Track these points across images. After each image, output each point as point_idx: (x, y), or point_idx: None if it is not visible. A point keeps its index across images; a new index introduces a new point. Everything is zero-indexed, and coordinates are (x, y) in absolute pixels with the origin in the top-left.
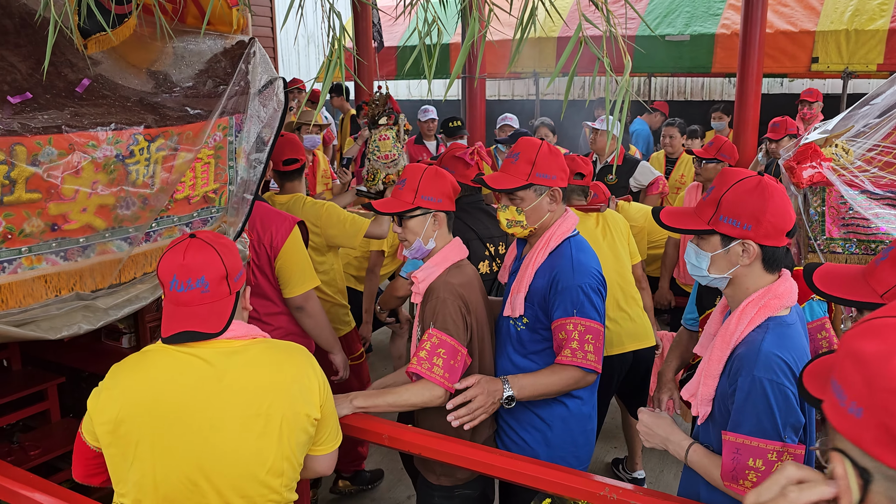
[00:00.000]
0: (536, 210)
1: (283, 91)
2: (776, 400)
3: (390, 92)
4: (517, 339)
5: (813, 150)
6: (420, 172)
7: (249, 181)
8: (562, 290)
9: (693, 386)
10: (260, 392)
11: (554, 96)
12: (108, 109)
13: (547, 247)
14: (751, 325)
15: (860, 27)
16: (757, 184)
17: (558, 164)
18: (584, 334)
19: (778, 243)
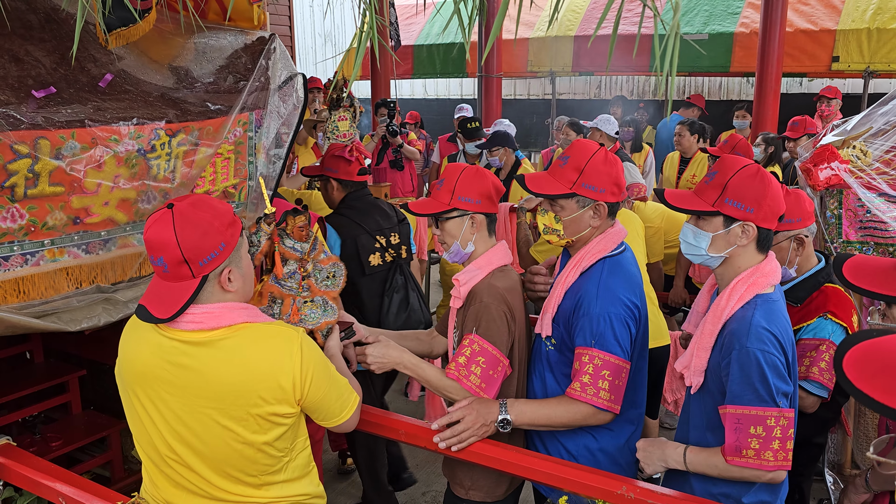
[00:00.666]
0: (576, 222)
1: (303, 87)
2: (769, 368)
3: (411, 90)
4: (546, 358)
5: (830, 152)
6: (458, 172)
7: (269, 176)
8: (583, 317)
9: (686, 359)
10: (220, 390)
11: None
12: (130, 104)
13: (579, 266)
14: (740, 301)
15: (882, 26)
16: (757, 171)
17: (611, 177)
18: (600, 369)
19: (772, 226)
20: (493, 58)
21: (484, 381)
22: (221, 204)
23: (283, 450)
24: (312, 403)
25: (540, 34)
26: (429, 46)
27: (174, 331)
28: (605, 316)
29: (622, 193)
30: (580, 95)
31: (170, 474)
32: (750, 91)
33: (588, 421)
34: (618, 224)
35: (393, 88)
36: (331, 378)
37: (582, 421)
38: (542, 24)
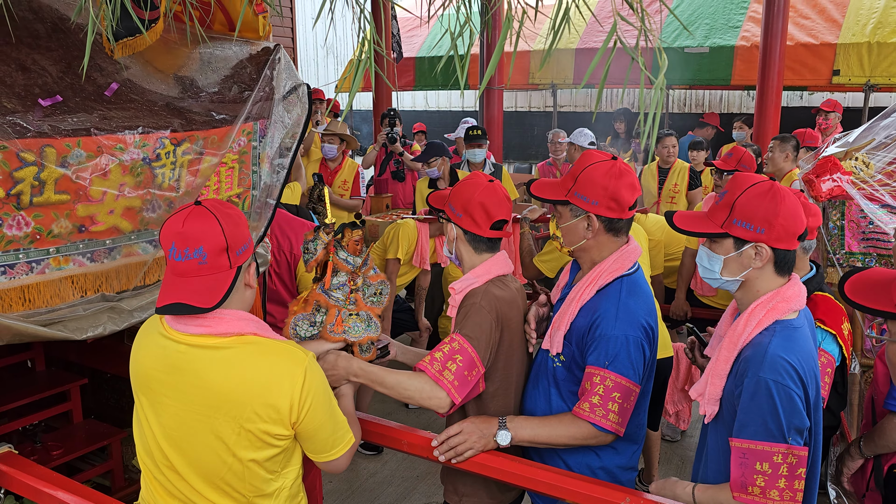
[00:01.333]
0: (571, 231)
1: (307, 97)
2: (781, 401)
3: (412, 102)
4: (552, 375)
5: (832, 164)
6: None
7: (272, 186)
8: (599, 337)
9: (701, 385)
10: (216, 399)
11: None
12: (136, 113)
13: (595, 283)
14: (758, 327)
15: (883, 40)
16: (769, 188)
17: (608, 190)
18: (611, 391)
19: (790, 246)
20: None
21: (458, 379)
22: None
23: (273, 472)
24: (306, 432)
25: (541, 46)
26: (430, 58)
27: (181, 334)
28: (623, 338)
29: (623, 210)
30: (581, 108)
31: (163, 482)
32: (751, 104)
33: (589, 441)
34: (633, 242)
35: (395, 100)
36: (330, 410)
37: (583, 441)
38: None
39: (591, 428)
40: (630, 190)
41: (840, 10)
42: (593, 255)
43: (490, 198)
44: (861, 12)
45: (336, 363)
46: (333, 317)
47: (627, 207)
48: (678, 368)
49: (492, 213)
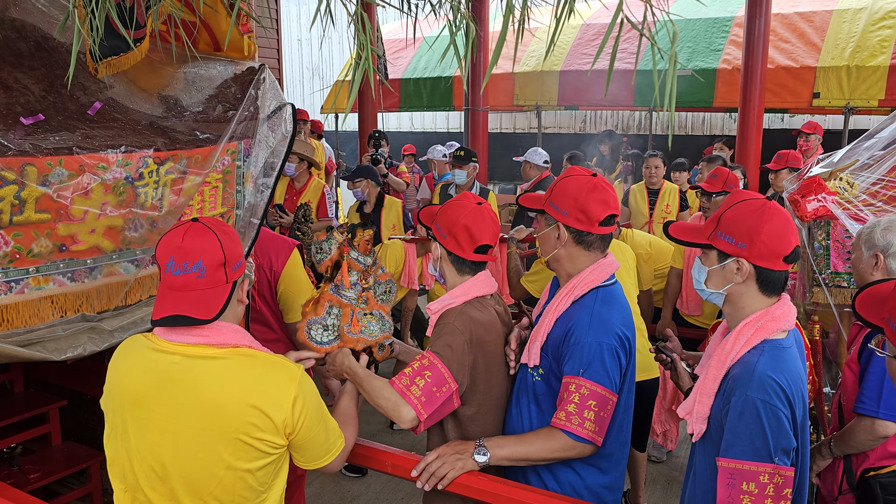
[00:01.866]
0: (544, 240)
1: (292, 117)
2: (768, 421)
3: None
4: (532, 391)
5: (817, 184)
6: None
7: (256, 205)
8: (573, 345)
9: (689, 404)
10: (212, 409)
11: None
12: (119, 132)
13: (571, 294)
14: (747, 345)
15: (861, 63)
16: (759, 206)
17: (578, 202)
18: (587, 399)
19: (773, 266)
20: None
21: (425, 395)
22: None
23: (263, 484)
24: (300, 442)
25: (526, 68)
26: (415, 80)
27: (175, 345)
28: (596, 345)
29: (591, 224)
30: (565, 129)
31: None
32: (733, 126)
33: (567, 453)
34: (610, 256)
35: (380, 121)
36: (323, 420)
37: (561, 452)
38: (528, 59)
39: (568, 438)
40: (601, 205)
41: (819, 34)
42: (567, 268)
43: (476, 222)
44: (840, 36)
45: (335, 358)
46: (348, 317)
47: (597, 222)
48: (665, 388)
49: (476, 237)
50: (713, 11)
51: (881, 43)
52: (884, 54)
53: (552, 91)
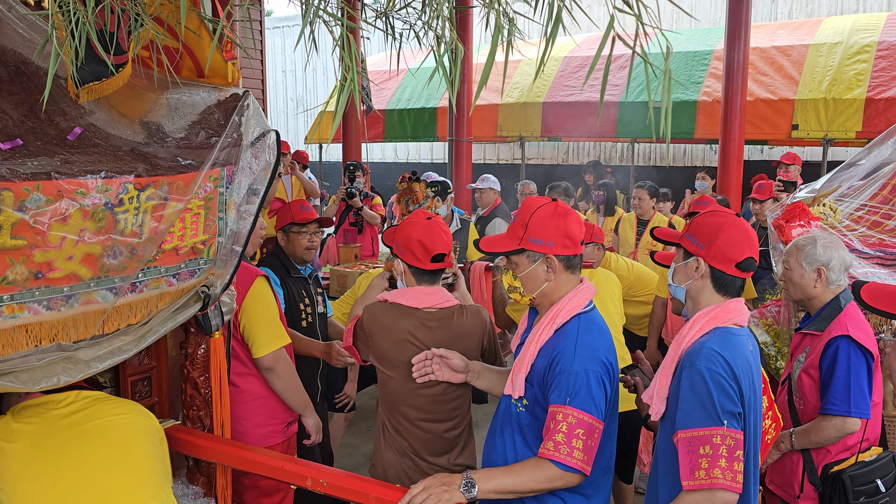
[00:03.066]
0: (531, 278)
1: (276, 143)
2: (714, 386)
3: (382, 154)
4: (517, 422)
5: (801, 209)
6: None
7: (239, 233)
8: (559, 374)
9: (651, 387)
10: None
11: (538, 161)
12: (99, 158)
13: (553, 323)
14: (700, 331)
15: (838, 96)
16: (724, 217)
17: (559, 229)
18: (574, 427)
19: (725, 269)
20: (463, 123)
21: (346, 335)
22: None
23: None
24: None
25: (510, 100)
26: (400, 111)
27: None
28: (582, 373)
29: (577, 246)
30: (549, 161)
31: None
32: (713, 157)
33: (556, 483)
34: (587, 281)
35: (364, 152)
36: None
37: (549, 483)
38: (512, 91)
39: (556, 468)
40: (578, 226)
41: (797, 68)
42: (553, 297)
43: (427, 235)
44: (816, 70)
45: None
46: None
47: (580, 242)
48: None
49: (429, 249)
50: (693, 45)
51: (856, 76)
52: (859, 87)
53: (535, 122)
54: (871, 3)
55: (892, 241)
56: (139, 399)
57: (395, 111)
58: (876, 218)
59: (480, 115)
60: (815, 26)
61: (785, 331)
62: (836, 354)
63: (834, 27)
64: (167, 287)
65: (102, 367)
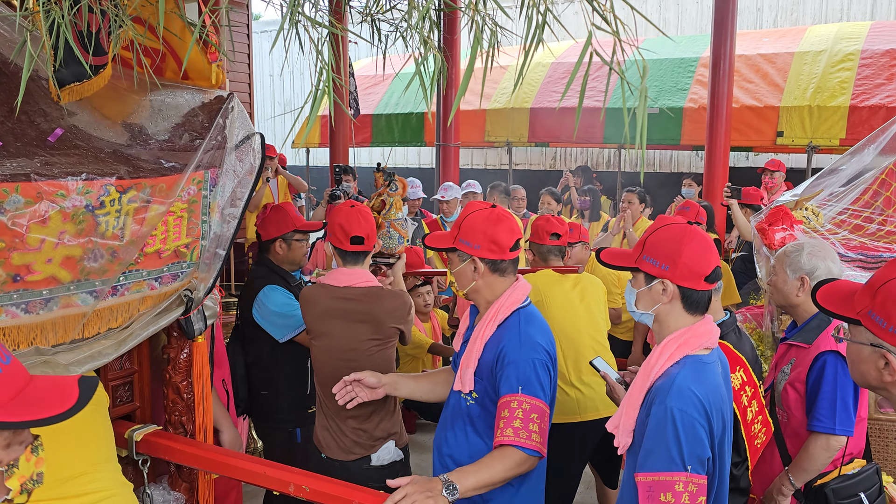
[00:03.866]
0: (462, 275)
1: (261, 146)
2: (684, 429)
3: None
4: (467, 414)
5: (784, 213)
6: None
7: (223, 236)
8: (508, 365)
9: (616, 418)
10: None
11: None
12: (80, 159)
13: (496, 319)
14: (670, 360)
15: (822, 104)
16: (681, 230)
17: (487, 235)
18: (529, 413)
19: (695, 286)
20: (450, 128)
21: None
22: None
23: None
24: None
25: (497, 105)
26: (387, 116)
27: None
28: (530, 362)
29: (503, 252)
30: (536, 166)
31: None
32: (699, 164)
33: (522, 468)
34: (522, 279)
35: (351, 156)
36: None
37: (517, 469)
38: (500, 96)
39: (521, 453)
40: (509, 233)
41: (782, 76)
42: (486, 296)
43: (347, 219)
44: (801, 77)
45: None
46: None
47: (508, 249)
48: None
49: (347, 231)
50: (679, 52)
51: (840, 84)
52: (843, 95)
53: (523, 128)
54: (854, 12)
55: (874, 244)
56: (120, 404)
57: (383, 116)
58: (858, 222)
59: (468, 120)
60: (799, 34)
61: (767, 335)
62: (824, 369)
63: (818, 35)
64: (149, 291)
65: (81, 372)
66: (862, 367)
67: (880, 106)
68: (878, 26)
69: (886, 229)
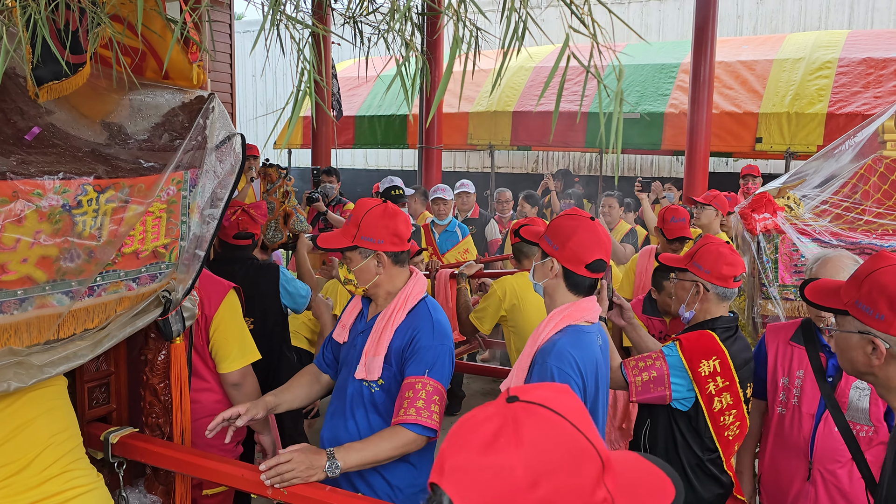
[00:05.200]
0: (364, 272)
1: (242, 147)
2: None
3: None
4: (371, 401)
5: (767, 200)
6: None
7: (202, 237)
8: (420, 349)
9: (509, 379)
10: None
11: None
12: (58, 158)
13: (405, 306)
14: (555, 328)
15: (800, 110)
16: (578, 220)
17: (388, 229)
18: (432, 395)
19: (576, 270)
20: (433, 130)
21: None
22: None
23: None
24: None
25: (480, 108)
26: (370, 118)
27: None
28: (440, 347)
29: (405, 244)
30: (518, 169)
31: None
32: (680, 169)
33: (412, 447)
34: (416, 271)
35: (334, 158)
36: None
37: (406, 448)
38: (482, 99)
39: (412, 433)
40: (406, 225)
41: (761, 82)
42: (387, 287)
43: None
44: (780, 84)
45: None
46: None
47: (406, 240)
48: (615, 406)
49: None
50: (661, 58)
51: (818, 91)
52: (821, 102)
53: (505, 131)
54: (832, 21)
55: (851, 234)
56: (96, 406)
57: (366, 118)
58: (838, 211)
59: (451, 122)
60: (778, 42)
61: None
62: None
63: (797, 43)
64: (126, 291)
65: (56, 373)
66: (851, 354)
67: (857, 113)
68: (855, 35)
69: (865, 219)
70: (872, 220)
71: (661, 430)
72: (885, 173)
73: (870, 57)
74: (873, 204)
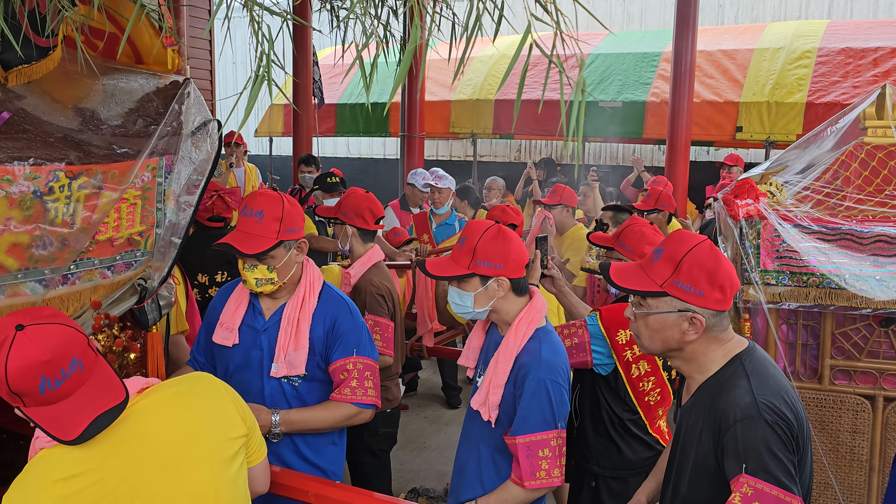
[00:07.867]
0: (287, 265)
1: (217, 133)
2: (555, 396)
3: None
4: (294, 395)
5: (750, 186)
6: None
7: (178, 224)
8: (344, 333)
9: (482, 396)
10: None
11: (491, 158)
12: (28, 144)
13: (313, 293)
14: (525, 337)
15: (780, 100)
16: (497, 231)
17: (301, 216)
18: (364, 371)
19: (520, 275)
20: (415, 119)
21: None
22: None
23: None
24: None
25: (462, 97)
26: (352, 105)
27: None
28: (361, 326)
29: (372, 224)
30: (501, 158)
31: None
32: (661, 158)
33: (353, 420)
34: (310, 262)
35: (315, 146)
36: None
37: (348, 421)
38: (465, 88)
39: (352, 407)
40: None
41: (741, 72)
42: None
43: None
44: (760, 73)
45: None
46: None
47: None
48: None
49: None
50: (642, 47)
51: (798, 81)
52: (800, 92)
53: (487, 120)
54: (812, 10)
55: (831, 220)
56: None
57: (347, 105)
58: (820, 197)
59: (433, 111)
60: (759, 31)
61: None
62: None
63: (777, 32)
64: (101, 279)
65: None
66: (666, 333)
67: (836, 103)
68: (834, 25)
69: (846, 205)
70: (853, 205)
71: (587, 394)
72: (865, 160)
73: (849, 47)
74: (854, 190)
